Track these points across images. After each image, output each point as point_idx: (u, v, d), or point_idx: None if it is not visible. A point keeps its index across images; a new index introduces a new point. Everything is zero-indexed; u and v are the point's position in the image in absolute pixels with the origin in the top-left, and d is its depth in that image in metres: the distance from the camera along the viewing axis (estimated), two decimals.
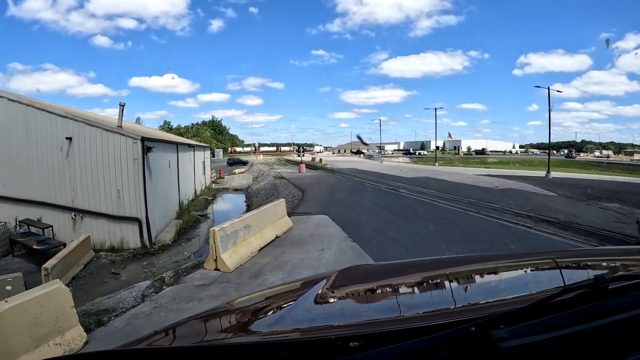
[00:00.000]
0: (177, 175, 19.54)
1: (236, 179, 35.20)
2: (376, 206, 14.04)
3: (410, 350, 0.77)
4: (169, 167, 17.78)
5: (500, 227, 10.29)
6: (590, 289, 0.86)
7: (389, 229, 10.16)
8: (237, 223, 7.37)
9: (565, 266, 1.52)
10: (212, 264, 6.93)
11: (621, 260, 1.63)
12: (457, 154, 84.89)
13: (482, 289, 1.44)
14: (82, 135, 14.11)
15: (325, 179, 25.84)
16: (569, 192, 18.03)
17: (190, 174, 23.72)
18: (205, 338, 1.18)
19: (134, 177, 13.60)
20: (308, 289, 1.34)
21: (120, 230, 14.03)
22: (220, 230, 6.82)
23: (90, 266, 12.62)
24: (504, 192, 17.65)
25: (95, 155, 13.96)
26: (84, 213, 14.25)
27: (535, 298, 0.86)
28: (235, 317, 1.37)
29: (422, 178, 25.25)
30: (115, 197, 13.94)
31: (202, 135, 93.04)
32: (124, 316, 5.99)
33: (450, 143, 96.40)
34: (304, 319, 1.14)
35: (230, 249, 7.02)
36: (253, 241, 7.74)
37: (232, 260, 6.91)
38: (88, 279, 11.86)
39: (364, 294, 1.42)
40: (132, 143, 13.59)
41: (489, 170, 33.76)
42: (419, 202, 14.74)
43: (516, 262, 1.72)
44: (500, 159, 66.92)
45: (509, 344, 0.79)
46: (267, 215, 8.72)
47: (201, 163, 28.98)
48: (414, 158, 67.97)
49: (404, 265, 1.95)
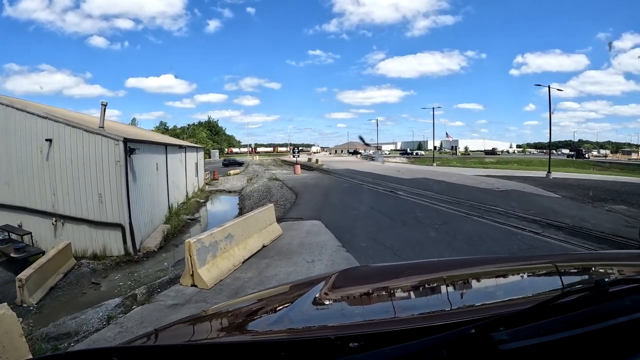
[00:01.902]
0: (166, 178, 18.78)
1: (230, 181, 34.48)
2: (373, 210, 13.30)
3: (410, 352, 0.77)
4: (156, 169, 17.02)
5: (506, 234, 9.57)
6: (590, 292, 0.86)
7: (386, 236, 9.43)
8: (218, 233, 6.62)
9: (566, 269, 1.53)
10: (189, 279, 6.19)
11: (621, 264, 1.62)
12: (455, 154, 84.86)
13: (483, 291, 1.43)
14: (62, 136, 13.38)
15: (320, 181, 25.11)
16: (573, 193, 17.40)
17: (181, 176, 22.96)
18: (205, 337, 1.19)
19: (116, 180, 12.86)
20: (308, 290, 1.35)
21: (103, 236, 13.32)
22: (197, 242, 6.07)
23: (70, 275, 11.98)
24: (506, 194, 16.94)
25: (76, 157, 13.23)
26: (65, 219, 13.51)
27: (536, 301, 0.87)
28: (236, 316, 1.36)
29: (421, 179, 24.53)
30: (97, 202, 13.21)
31: (198, 136, 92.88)
32: (85, 342, 5.36)
33: (447, 143, 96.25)
34: (304, 319, 1.15)
35: (209, 263, 6.28)
36: (236, 252, 6.99)
37: (210, 276, 6.17)
38: (67, 289, 11.24)
39: (364, 295, 1.42)
40: (114, 144, 12.85)
41: (487, 171, 33.11)
42: (419, 206, 14.00)
43: (517, 265, 1.72)
44: (498, 159, 66.70)
45: (509, 346, 0.79)
46: (253, 222, 7.98)
47: (193, 164, 28.23)
48: (411, 158, 67.34)
49: (404, 266, 1.95)
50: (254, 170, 41.59)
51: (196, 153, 30.19)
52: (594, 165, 52.78)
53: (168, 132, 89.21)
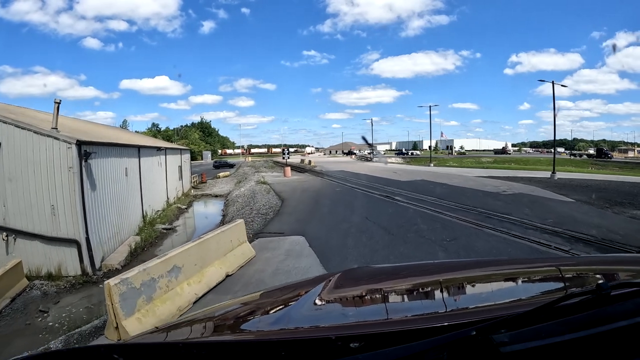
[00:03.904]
0: (140, 183, 16.97)
1: (219, 184, 32.76)
2: (368, 221, 11.44)
3: (411, 352, 0.77)
4: (125, 174, 15.20)
5: (530, 253, 7.82)
6: (592, 295, 0.85)
7: (384, 259, 7.68)
8: (155, 267, 4.87)
9: (567, 272, 1.50)
10: (113, 332, 4.45)
11: (624, 268, 1.59)
12: (451, 153, 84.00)
13: (484, 293, 1.41)
14: (12, 139, 11.55)
15: (311, 184, 23.34)
16: (585, 196, 15.85)
17: (160, 181, 21.15)
18: (206, 335, 1.18)
19: (70, 189, 11.08)
20: (309, 289, 1.34)
21: (57, 254, 11.54)
22: (120, 284, 4.33)
23: (18, 300, 10.30)
24: (516, 199, 15.28)
25: (27, 163, 11.42)
26: (17, 233, 11.69)
27: (537, 303, 0.86)
28: (237, 315, 1.35)
29: (419, 181, 22.84)
30: (50, 214, 11.43)
31: (190, 137, 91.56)
32: None
33: (442, 142, 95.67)
34: (305, 319, 1.14)
35: (142, 310, 4.55)
36: (184, 290, 5.24)
37: (141, 328, 4.44)
38: (10, 318, 9.61)
39: (365, 296, 1.39)
40: (67, 148, 11.06)
41: (488, 171, 31.45)
42: (421, 215, 12.23)
43: (519, 268, 1.73)
44: (494, 158, 65.57)
45: (510, 348, 0.79)
46: (213, 246, 6.22)
47: (177, 167, 26.41)
48: (407, 158, 65.92)
49: (406, 267, 1.95)
50: (244, 172, 39.99)
51: (180, 155, 28.35)
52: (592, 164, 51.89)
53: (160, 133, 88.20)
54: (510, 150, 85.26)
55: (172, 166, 24.91)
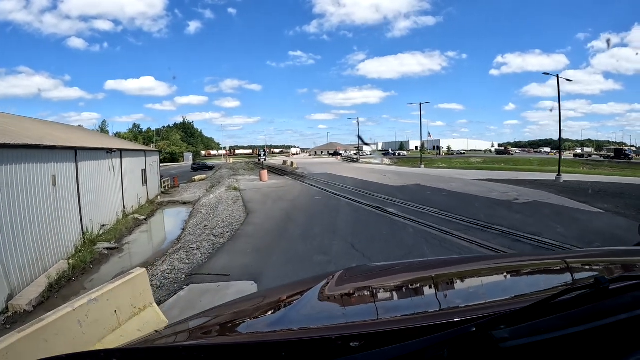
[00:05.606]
0: (77, 194, 13.83)
1: (192, 188, 29.64)
2: (354, 252, 8.36)
3: (411, 351, 0.77)
4: (52, 184, 12.08)
5: None
6: (590, 290, 0.85)
7: None
8: None
9: (566, 267, 1.48)
10: None
11: (622, 261, 1.59)
12: (439, 154, 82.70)
13: (483, 289, 1.38)
14: None
15: (288, 191, 20.42)
16: (609, 204, 13.50)
17: (112, 189, 17.98)
18: (205, 337, 1.17)
19: None
20: (309, 289, 1.32)
21: None
22: None
23: None
24: (535, 210, 12.69)
25: None
26: None
27: (536, 298, 0.85)
28: (236, 316, 1.33)
29: (413, 187, 20.18)
30: None
31: (172, 138, 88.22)
32: None
33: (429, 143, 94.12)
34: (305, 319, 1.12)
35: None
36: None
37: None
38: None
39: (365, 294, 1.39)
40: None
41: (484, 173, 29.05)
42: (426, 238, 9.38)
43: (517, 263, 1.73)
44: (484, 159, 64.09)
45: (510, 344, 0.79)
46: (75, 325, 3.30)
47: (139, 172, 23.24)
48: (394, 159, 63.89)
49: (405, 265, 1.94)
50: (220, 175, 36.93)
51: (144, 157, 25.15)
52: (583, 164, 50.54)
53: (141, 134, 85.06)
54: (516, 150, 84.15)
55: (133, 170, 21.73)
